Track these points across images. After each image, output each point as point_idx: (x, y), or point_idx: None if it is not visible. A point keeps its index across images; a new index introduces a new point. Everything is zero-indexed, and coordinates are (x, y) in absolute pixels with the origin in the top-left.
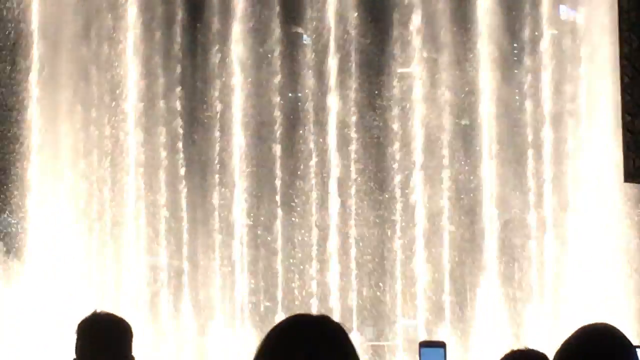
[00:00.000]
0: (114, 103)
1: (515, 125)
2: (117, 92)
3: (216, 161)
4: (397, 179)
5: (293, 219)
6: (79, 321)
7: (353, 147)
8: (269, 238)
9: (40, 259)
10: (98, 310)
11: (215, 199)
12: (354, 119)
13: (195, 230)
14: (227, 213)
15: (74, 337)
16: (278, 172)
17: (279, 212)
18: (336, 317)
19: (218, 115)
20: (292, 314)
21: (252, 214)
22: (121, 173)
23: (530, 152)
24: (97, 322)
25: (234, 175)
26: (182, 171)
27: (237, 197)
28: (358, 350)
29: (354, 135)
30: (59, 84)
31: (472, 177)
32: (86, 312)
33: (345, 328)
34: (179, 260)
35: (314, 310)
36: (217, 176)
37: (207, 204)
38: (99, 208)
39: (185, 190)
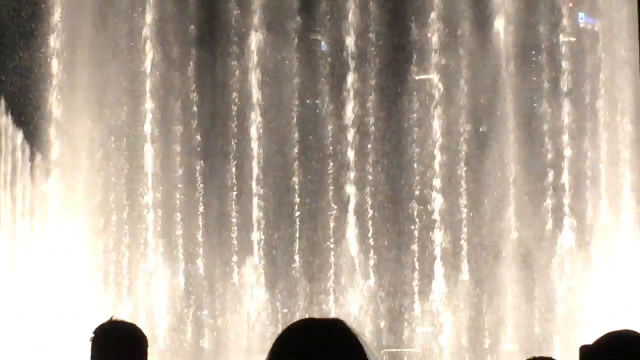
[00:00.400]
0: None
1: (534, 133)
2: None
3: (233, 170)
4: (416, 188)
5: (312, 231)
6: (95, 327)
7: (371, 156)
8: (287, 255)
9: (52, 260)
10: (114, 318)
11: (233, 217)
12: (372, 126)
13: (213, 259)
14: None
15: (89, 343)
16: (296, 179)
17: (298, 225)
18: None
19: (235, 125)
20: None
21: (269, 230)
22: (138, 201)
23: (549, 160)
24: (113, 330)
25: (252, 182)
26: (201, 195)
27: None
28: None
29: (371, 143)
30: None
31: (489, 188)
32: (103, 317)
33: (357, 332)
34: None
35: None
36: (234, 195)
37: (224, 233)
38: (116, 203)
39: (202, 211)
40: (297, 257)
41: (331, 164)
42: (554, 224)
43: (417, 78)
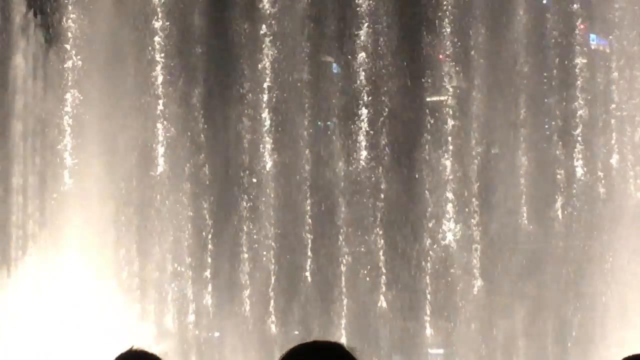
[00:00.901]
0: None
1: (546, 153)
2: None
3: (244, 185)
4: (429, 207)
5: (323, 249)
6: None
7: (383, 177)
8: (301, 271)
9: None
10: (135, 347)
11: (244, 238)
12: (383, 147)
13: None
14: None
15: None
16: (308, 201)
17: (310, 246)
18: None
19: (246, 144)
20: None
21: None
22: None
23: (561, 181)
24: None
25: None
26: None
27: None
28: None
29: (383, 163)
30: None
31: (502, 207)
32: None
33: (356, 356)
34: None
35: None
36: (245, 212)
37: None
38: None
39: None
40: (308, 281)
41: (342, 185)
42: (565, 242)
43: (429, 100)
